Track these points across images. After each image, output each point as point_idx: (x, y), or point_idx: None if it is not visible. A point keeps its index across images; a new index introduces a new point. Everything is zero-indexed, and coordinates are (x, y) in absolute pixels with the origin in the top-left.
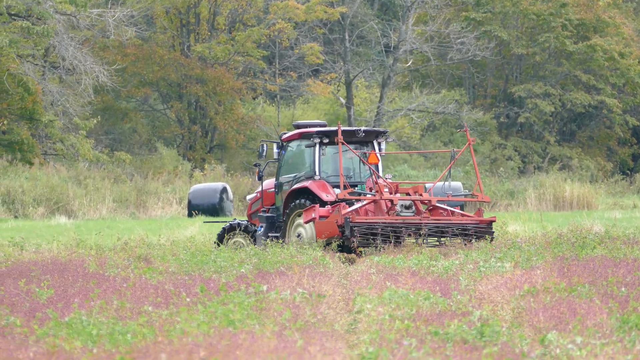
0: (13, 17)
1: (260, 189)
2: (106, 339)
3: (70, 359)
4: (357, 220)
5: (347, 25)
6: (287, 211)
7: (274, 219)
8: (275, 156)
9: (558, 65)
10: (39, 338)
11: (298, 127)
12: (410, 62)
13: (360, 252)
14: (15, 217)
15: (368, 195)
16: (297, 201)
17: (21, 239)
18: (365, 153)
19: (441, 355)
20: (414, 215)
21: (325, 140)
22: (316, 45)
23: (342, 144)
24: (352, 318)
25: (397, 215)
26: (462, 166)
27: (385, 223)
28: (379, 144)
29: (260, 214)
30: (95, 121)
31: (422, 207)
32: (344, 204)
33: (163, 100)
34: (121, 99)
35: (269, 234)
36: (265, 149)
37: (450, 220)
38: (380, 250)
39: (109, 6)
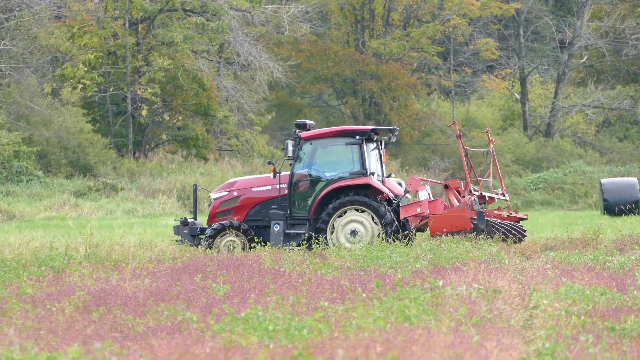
0: (188, 13)
1: (231, 187)
2: (282, 335)
3: (247, 354)
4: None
5: (522, 21)
6: (329, 208)
7: (287, 216)
8: (290, 154)
9: None
10: (215, 333)
11: (302, 125)
12: (585, 58)
13: None
14: (191, 212)
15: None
16: (344, 198)
17: None
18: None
19: (618, 351)
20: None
21: (374, 138)
22: (491, 40)
23: (459, 138)
24: (528, 314)
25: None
26: (637, 162)
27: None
28: (381, 142)
29: (273, 211)
30: (270, 117)
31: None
32: (470, 198)
33: (337, 96)
34: (296, 95)
35: (288, 231)
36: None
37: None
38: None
39: (284, 2)
